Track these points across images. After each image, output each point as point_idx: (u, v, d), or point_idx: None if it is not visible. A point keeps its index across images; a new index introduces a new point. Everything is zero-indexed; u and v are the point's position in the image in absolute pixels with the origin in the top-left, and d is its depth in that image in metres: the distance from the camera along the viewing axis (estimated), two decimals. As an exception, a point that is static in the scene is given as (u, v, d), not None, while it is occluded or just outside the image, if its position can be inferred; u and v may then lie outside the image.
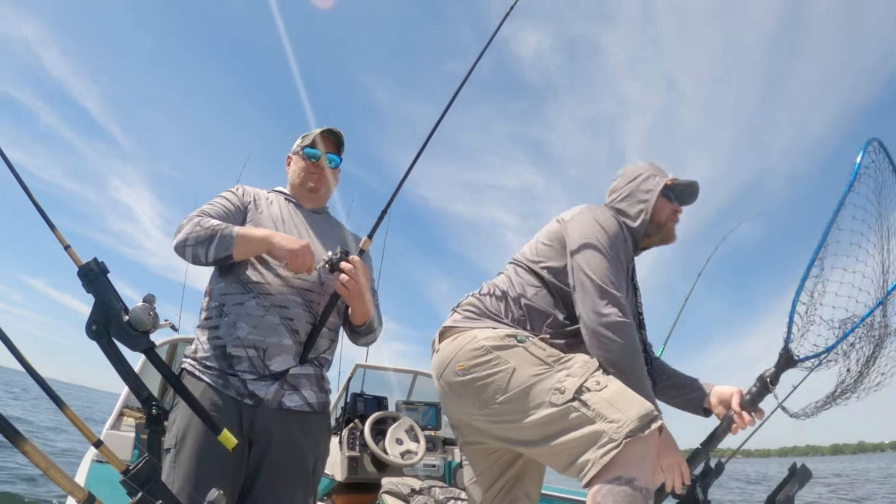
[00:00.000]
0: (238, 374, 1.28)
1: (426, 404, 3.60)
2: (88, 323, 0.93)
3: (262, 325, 1.30)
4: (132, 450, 2.44)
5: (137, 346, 0.95)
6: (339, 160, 1.55)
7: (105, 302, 0.93)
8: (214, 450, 1.20)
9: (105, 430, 2.55)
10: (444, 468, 3.23)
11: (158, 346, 1.23)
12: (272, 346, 1.30)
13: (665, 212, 1.47)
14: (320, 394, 1.40)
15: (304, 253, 1.28)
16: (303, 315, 1.35)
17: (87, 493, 0.72)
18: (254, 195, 1.50)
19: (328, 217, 1.60)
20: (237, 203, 1.45)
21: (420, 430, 3.11)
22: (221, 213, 1.39)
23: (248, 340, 1.29)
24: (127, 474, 0.79)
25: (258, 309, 1.31)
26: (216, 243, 1.29)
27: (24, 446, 0.67)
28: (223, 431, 1.00)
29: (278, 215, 1.46)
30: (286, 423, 1.31)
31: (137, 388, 0.94)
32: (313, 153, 1.51)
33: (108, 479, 2.02)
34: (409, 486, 2.54)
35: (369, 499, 2.95)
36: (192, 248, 1.30)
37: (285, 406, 1.31)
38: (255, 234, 1.31)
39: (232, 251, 1.29)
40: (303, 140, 1.54)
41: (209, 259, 1.31)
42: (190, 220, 1.33)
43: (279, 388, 1.30)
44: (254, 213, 1.45)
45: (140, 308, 0.93)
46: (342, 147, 1.56)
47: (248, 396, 1.27)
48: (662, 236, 1.49)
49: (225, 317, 1.32)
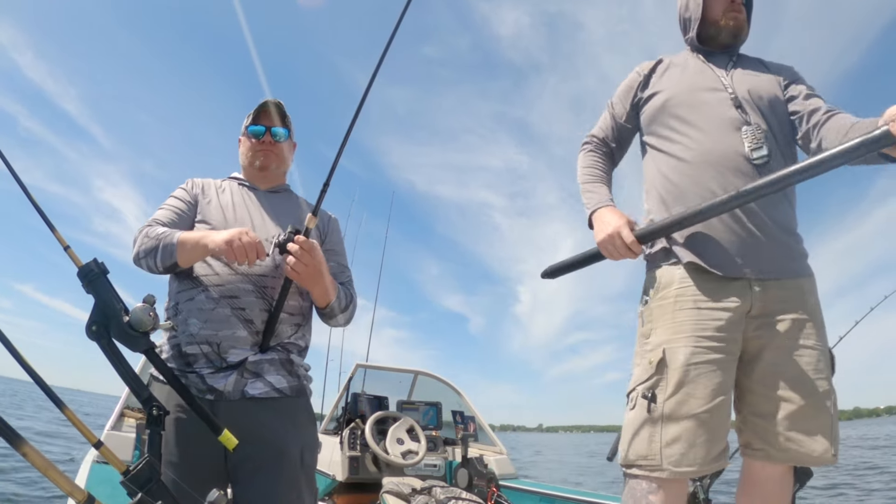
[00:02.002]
0: (196, 370, 1.23)
1: (427, 404, 3.60)
2: (88, 324, 0.93)
3: (212, 319, 1.24)
4: (133, 450, 2.43)
5: (137, 346, 0.95)
6: (287, 132, 1.47)
7: (105, 302, 0.93)
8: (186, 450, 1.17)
9: (105, 430, 2.55)
10: (444, 468, 3.23)
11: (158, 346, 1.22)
12: (225, 340, 1.24)
13: (716, 9, 1.45)
14: (290, 377, 1.31)
15: (239, 242, 1.18)
16: (256, 303, 1.28)
17: (86, 495, 0.71)
18: (202, 186, 1.45)
19: (288, 195, 1.52)
20: (187, 199, 1.40)
21: (421, 430, 3.12)
22: (172, 215, 1.35)
23: (201, 336, 1.24)
24: (127, 475, 0.79)
25: (208, 302, 1.26)
26: (160, 253, 1.25)
27: (22, 448, 0.67)
28: (223, 432, 1.00)
29: (228, 202, 1.41)
30: (252, 413, 1.23)
31: (138, 389, 0.94)
32: (256, 130, 1.44)
33: (109, 479, 2.02)
34: (410, 486, 2.54)
35: (370, 499, 2.95)
36: (144, 260, 1.27)
37: (249, 395, 1.23)
38: (191, 239, 1.26)
39: (176, 258, 1.25)
40: (246, 119, 1.47)
41: (160, 269, 1.28)
42: (140, 232, 1.30)
43: (239, 377, 1.23)
44: (202, 204, 1.40)
45: (140, 309, 0.93)
46: (286, 118, 1.47)
47: (208, 391, 1.22)
48: (725, 30, 1.45)
49: (179, 314, 1.28)
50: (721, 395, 1.19)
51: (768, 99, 1.35)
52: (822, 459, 1.19)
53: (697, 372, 1.19)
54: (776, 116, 1.35)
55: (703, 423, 1.17)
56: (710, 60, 1.45)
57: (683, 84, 1.43)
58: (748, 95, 1.35)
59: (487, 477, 2.98)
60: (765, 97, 1.35)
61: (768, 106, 1.34)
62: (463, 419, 3.64)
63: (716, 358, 1.20)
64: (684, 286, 1.28)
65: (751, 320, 1.25)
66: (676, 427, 1.18)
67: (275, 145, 1.45)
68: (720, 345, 1.21)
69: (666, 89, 1.44)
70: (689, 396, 1.19)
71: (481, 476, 2.96)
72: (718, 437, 1.19)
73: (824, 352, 1.25)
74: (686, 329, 1.23)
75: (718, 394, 1.18)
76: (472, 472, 2.97)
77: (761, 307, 1.24)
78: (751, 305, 1.24)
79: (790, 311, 1.25)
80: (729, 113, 1.33)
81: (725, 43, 1.47)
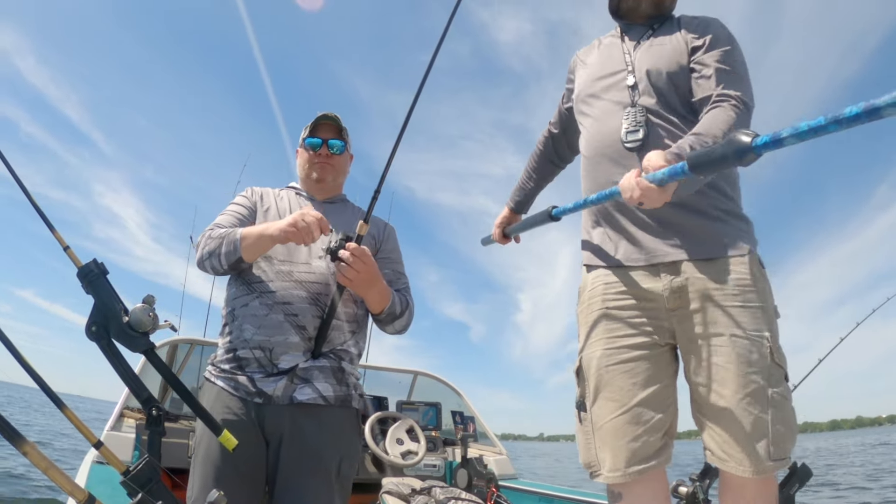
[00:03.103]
0: (248, 374, 1.27)
1: (426, 404, 3.60)
2: (88, 324, 0.93)
3: (266, 325, 1.28)
4: (132, 451, 2.43)
5: (137, 346, 0.95)
6: (343, 144, 1.50)
7: (105, 303, 0.93)
8: (230, 453, 1.17)
9: (105, 430, 2.55)
10: (444, 468, 3.23)
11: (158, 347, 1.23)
12: (278, 345, 1.27)
13: None
14: (339, 387, 1.32)
15: (304, 223, 1.22)
16: (309, 309, 1.30)
17: (87, 494, 0.72)
18: (261, 194, 1.49)
19: (344, 205, 1.55)
20: (248, 205, 1.45)
21: (420, 430, 3.12)
22: (233, 220, 1.39)
23: (254, 341, 1.27)
24: (127, 475, 0.79)
25: (262, 308, 1.29)
26: (224, 250, 1.29)
27: (23, 447, 0.67)
28: (224, 432, 1.00)
29: (286, 209, 1.44)
30: (297, 419, 1.26)
31: (137, 389, 0.95)
32: (313, 143, 1.47)
33: (109, 479, 2.02)
34: (410, 486, 2.54)
35: (369, 499, 2.95)
36: (208, 260, 1.32)
37: (297, 400, 1.25)
38: (254, 230, 1.30)
39: (241, 254, 1.29)
40: (304, 131, 1.51)
41: (224, 267, 1.31)
42: (203, 236, 1.35)
43: (288, 382, 1.26)
44: (260, 211, 1.45)
45: (140, 309, 0.94)
46: (343, 130, 1.51)
47: (258, 395, 1.25)
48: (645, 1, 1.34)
49: (235, 321, 1.32)
50: (644, 391, 1.14)
51: (667, 73, 1.23)
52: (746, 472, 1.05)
53: (611, 375, 1.17)
54: (676, 91, 1.23)
55: (624, 425, 1.13)
56: (627, 34, 1.36)
57: (589, 73, 1.37)
58: (645, 73, 1.25)
59: (487, 477, 2.98)
60: (664, 71, 1.23)
61: (666, 81, 1.23)
62: (462, 419, 3.65)
63: (632, 356, 1.16)
64: (593, 287, 1.27)
65: (670, 312, 1.16)
66: (601, 432, 1.16)
67: (331, 157, 1.48)
68: (635, 340, 1.17)
69: (578, 81, 1.40)
70: (607, 400, 1.17)
71: (481, 476, 2.96)
72: (648, 434, 1.12)
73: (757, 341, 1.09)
74: (598, 332, 1.22)
75: (640, 391, 1.14)
76: (472, 472, 2.97)
77: (676, 296, 1.15)
78: (662, 294, 1.16)
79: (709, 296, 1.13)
80: (619, 97, 1.26)
81: (647, 14, 1.35)
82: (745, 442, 1.06)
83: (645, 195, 0.99)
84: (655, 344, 1.17)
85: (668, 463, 1.16)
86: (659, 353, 1.18)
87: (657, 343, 1.17)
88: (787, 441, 1.08)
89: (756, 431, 1.06)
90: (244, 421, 1.23)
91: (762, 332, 1.10)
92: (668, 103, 1.22)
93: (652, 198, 0.99)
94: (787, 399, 1.10)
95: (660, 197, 0.99)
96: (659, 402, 1.15)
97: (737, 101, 1.13)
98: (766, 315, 1.13)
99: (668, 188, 0.99)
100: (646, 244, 1.21)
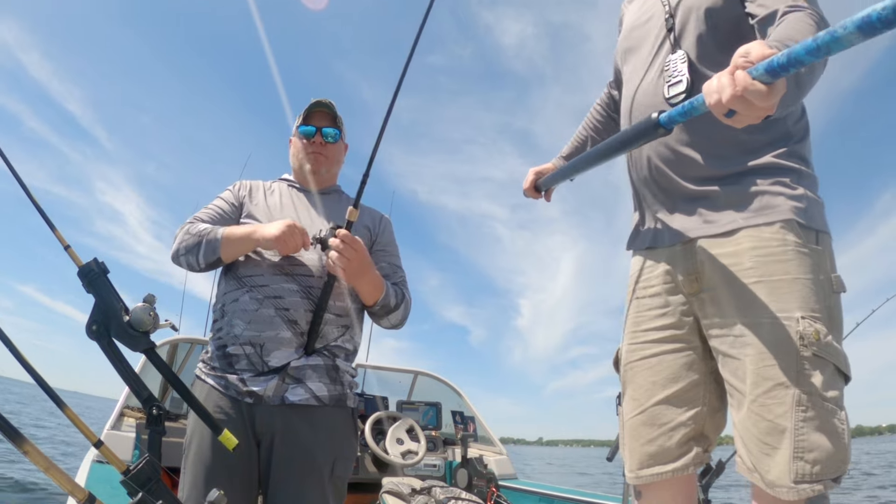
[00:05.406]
0: (238, 372, 1.24)
1: (426, 404, 3.60)
2: (89, 323, 0.93)
3: (256, 320, 1.24)
4: (133, 450, 2.43)
5: (138, 346, 0.95)
6: (338, 132, 1.44)
7: (105, 302, 0.93)
8: (220, 452, 1.18)
9: (105, 430, 2.55)
10: (444, 468, 3.23)
11: (159, 346, 1.23)
12: (269, 341, 1.23)
13: None
14: (333, 386, 1.28)
15: (288, 235, 1.21)
16: (300, 303, 1.26)
17: (87, 494, 0.72)
18: (250, 188, 1.46)
19: (338, 196, 1.51)
20: (232, 200, 1.41)
21: (420, 430, 3.11)
22: (214, 215, 1.36)
23: (244, 337, 1.24)
24: (127, 474, 0.79)
25: (252, 303, 1.25)
26: (203, 249, 1.27)
27: (24, 446, 0.67)
28: (223, 432, 1.00)
29: (276, 203, 1.41)
30: (289, 420, 1.23)
31: (138, 389, 0.94)
32: (307, 131, 1.41)
33: (109, 479, 2.02)
34: (410, 486, 2.54)
35: (369, 499, 2.94)
36: (185, 256, 1.29)
37: (289, 401, 1.22)
38: (238, 233, 1.28)
39: (219, 254, 1.27)
40: (297, 119, 1.45)
41: (201, 265, 1.29)
42: (181, 229, 1.32)
43: (280, 382, 1.22)
44: (249, 206, 1.41)
45: (140, 308, 0.93)
46: (338, 118, 1.46)
47: (248, 395, 1.22)
48: None
49: (225, 316, 1.29)
50: (665, 391, 1.04)
51: (708, 9, 1.05)
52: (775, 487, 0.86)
53: (634, 372, 1.10)
54: (718, 30, 1.05)
55: (639, 426, 1.07)
56: None
57: (627, 22, 1.26)
58: (684, 12, 1.09)
59: (487, 477, 2.98)
60: (704, 7, 1.06)
61: (705, 18, 1.05)
62: (463, 419, 3.65)
63: (654, 351, 1.07)
64: (631, 273, 1.18)
65: (690, 297, 1.04)
66: (624, 431, 1.12)
67: (325, 146, 1.43)
68: (660, 334, 1.07)
69: (621, 34, 1.29)
70: (629, 398, 1.11)
71: (481, 476, 2.96)
72: (666, 437, 1.03)
73: (778, 324, 0.88)
74: (628, 323, 1.15)
75: (660, 390, 1.05)
76: (472, 472, 2.97)
77: (693, 279, 1.02)
78: (679, 279, 1.05)
79: (723, 275, 0.96)
80: (657, 45, 1.12)
81: None
82: (758, 453, 0.89)
83: (748, 95, 0.69)
84: (682, 337, 1.05)
85: (694, 468, 1.04)
86: (686, 346, 1.05)
87: (683, 336, 1.05)
88: (824, 458, 0.85)
89: (771, 441, 0.87)
90: (234, 420, 1.21)
91: (789, 312, 0.88)
92: (713, 47, 1.05)
93: (755, 100, 0.69)
94: (826, 401, 0.86)
95: (765, 100, 0.69)
96: (683, 401, 1.04)
97: (813, 11, 0.89)
98: (801, 289, 0.89)
99: (777, 89, 0.70)
100: (667, 221, 1.08)
